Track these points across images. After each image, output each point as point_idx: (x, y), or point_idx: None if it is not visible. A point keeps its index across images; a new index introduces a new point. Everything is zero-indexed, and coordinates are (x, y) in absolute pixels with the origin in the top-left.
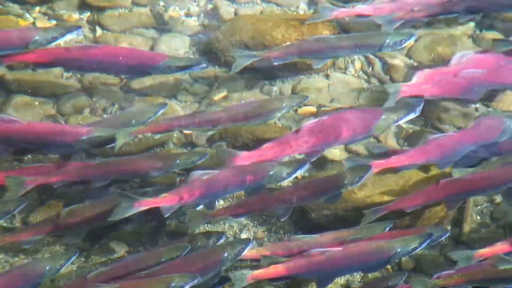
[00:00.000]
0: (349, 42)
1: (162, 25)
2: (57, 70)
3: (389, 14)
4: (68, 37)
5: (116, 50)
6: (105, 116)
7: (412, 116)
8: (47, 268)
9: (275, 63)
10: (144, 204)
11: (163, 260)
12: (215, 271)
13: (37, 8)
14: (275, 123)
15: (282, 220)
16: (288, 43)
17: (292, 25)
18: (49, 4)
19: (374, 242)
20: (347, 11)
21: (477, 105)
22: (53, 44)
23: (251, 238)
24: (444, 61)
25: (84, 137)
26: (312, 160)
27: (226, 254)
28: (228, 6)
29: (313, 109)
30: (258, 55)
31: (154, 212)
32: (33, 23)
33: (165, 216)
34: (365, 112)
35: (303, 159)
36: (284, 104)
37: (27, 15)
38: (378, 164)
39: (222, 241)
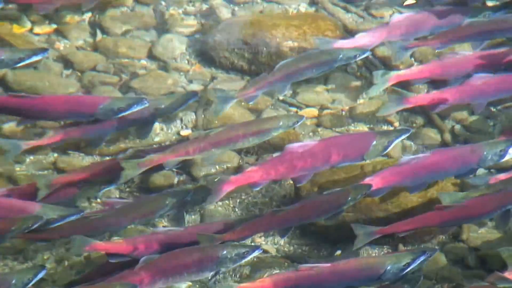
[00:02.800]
0: (307, 62)
1: (161, 25)
2: (57, 68)
3: (385, 39)
4: (35, 59)
5: (57, 99)
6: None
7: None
8: (13, 281)
9: (250, 103)
10: (96, 247)
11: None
12: (211, 269)
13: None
14: None
15: (282, 238)
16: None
17: (292, 25)
18: None
19: (364, 258)
20: (346, 42)
21: None
22: (19, 65)
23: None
24: None
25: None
26: (300, 184)
27: (225, 252)
28: (226, 7)
29: (314, 111)
30: (235, 97)
31: None
32: (31, 29)
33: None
34: (356, 137)
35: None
36: (281, 123)
37: (24, 18)
38: None
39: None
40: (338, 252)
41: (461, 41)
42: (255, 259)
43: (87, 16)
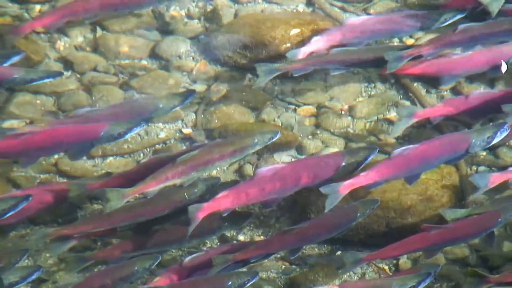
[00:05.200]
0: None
1: (164, 26)
2: (57, 68)
3: (340, 42)
4: (46, 81)
5: (56, 132)
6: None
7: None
8: None
9: (296, 75)
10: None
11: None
12: None
13: (38, 7)
14: (274, 120)
15: (292, 258)
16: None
17: (292, 26)
18: (52, 3)
19: (371, 280)
20: (304, 48)
21: None
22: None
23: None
24: None
25: None
26: (269, 209)
27: (230, 283)
28: (229, 7)
29: (312, 109)
30: (280, 68)
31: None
32: None
33: None
34: (325, 158)
35: None
36: (256, 140)
37: (26, 15)
38: (347, 186)
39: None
40: (338, 252)
41: (454, 47)
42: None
43: None
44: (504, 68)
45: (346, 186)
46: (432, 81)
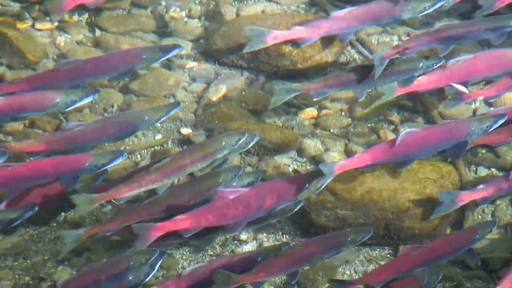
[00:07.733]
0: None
1: (162, 27)
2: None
3: (325, 34)
4: (86, 100)
5: (41, 164)
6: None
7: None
8: None
9: (315, 99)
10: None
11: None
12: None
13: (37, 7)
14: (275, 122)
15: (292, 283)
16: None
17: (292, 25)
18: None
19: None
20: (280, 33)
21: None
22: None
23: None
24: None
25: None
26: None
27: None
28: (231, 4)
29: (314, 111)
30: (297, 89)
31: None
32: (33, 25)
33: None
34: (287, 181)
35: None
36: (223, 143)
37: (27, 14)
38: (341, 166)
39: None
40: None
41: (432, 45)
42: None
43: (84, 17)
44: (463, 89)
45: (341, 166)
46: None
